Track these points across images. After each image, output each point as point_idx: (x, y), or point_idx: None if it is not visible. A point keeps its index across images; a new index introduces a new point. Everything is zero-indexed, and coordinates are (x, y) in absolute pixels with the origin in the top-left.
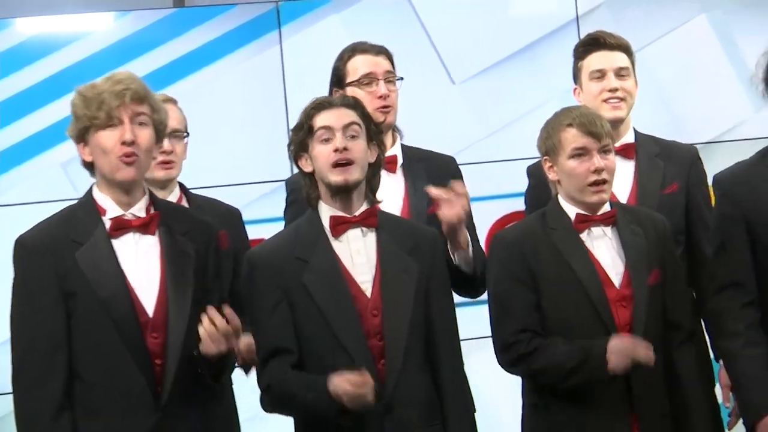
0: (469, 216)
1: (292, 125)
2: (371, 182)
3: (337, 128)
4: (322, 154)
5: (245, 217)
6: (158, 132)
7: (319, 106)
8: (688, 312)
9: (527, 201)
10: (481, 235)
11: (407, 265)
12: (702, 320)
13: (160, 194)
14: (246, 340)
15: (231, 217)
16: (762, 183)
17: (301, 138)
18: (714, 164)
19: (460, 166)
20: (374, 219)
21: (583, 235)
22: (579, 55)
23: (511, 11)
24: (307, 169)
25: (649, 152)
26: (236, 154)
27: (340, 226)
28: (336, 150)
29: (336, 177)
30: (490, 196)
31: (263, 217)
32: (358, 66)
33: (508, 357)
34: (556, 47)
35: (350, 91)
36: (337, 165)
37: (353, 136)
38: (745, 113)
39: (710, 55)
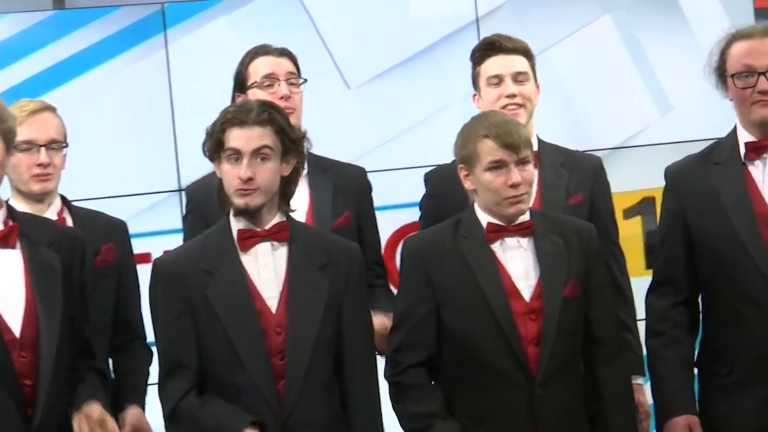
0: None
1: (179, 132)
2: (285, 192)
3: (246, 152)
4: (229, 174)
5: (131, 230)
6: (7, 142)
7: (231, 121)
8: (613, 325)
9: (422, 209)
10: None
11: (317, 282)
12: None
13: (37, 208)
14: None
15: (116, 230)
16: (702, 181)
17: (212, 149)
18: (619, 171)
19: None
20: (285, 233)
21: (495, 246)
22: (476, 61)
23: (408, 12)
24: (220, 176)
25: (554, 162)
26: (121, 163)
27: (248, 240)
28: (240, 178)
29: (238, 201)
30: (388, 206)
31: (149, 230)
32: (259, 68)
33: (389, 372)
34: (456, 50)
35: (251, 93)
36: (240, 190)
37: (263, 159)
38: (651, 117)
39: (615, 57)
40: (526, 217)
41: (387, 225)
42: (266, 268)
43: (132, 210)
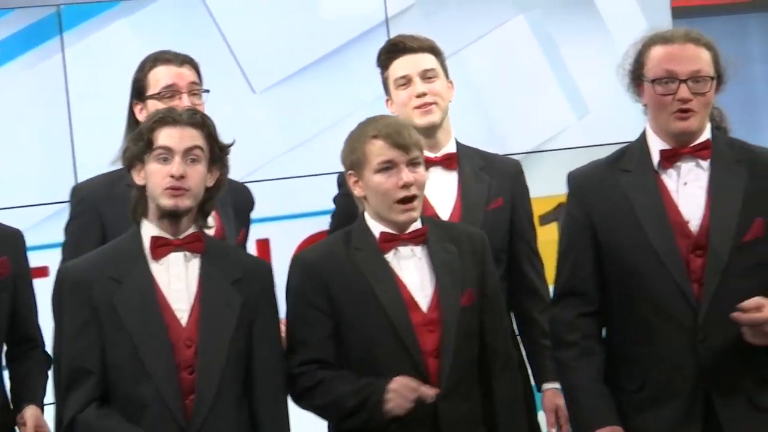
0: None
1: (77, 140)
2: (205, 206)
3: (178, 151)
4: (157, 174)
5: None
6: None
7: (162, 120)
8: (504, 335)
9: (336, 206)
10: (286, 257)
11: (230, 296)
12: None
13: None
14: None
15: (12, 240)
16: (611, 188)
17: (139, 151)
18: (535, 176)
19: (261, 183)
20: (200, 244)
21: (389, 256)
22: (383, 65)
23: (316, 13)
24: (140, 182)
25: (473, 165)
26: (16, 172)
27: (161, 248)
28: (172, 176)
29: (167, 201)
30: (295, 215)
31: (46, 243)
32: (159, 77)
33: (294, 390)
34: (365, 52)
35: (151, 104)
36: (170, 189)
37: (193, 160)
38: (567, 121)
39: (530, 58)
40: (418, 224)
41: (296, 234)
42: (177, 279)
43: (28, 221)
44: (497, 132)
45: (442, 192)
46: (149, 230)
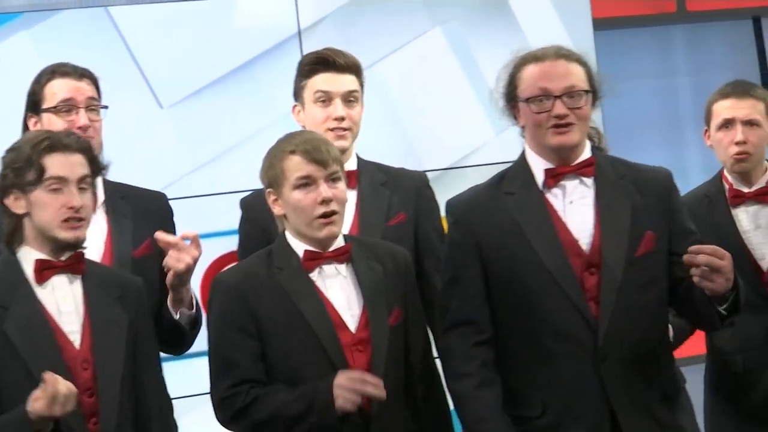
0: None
1: None
2: None
3: (72, 180)
4: (51, 205)
5: None
6: None
7: (51, 147)
8: (428, 354)
9: (240, 236)
10: (196, 277)
11: (117, 315)
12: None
13: None
14: None
15: None
16: (496, 211)
17: (24, 179)
18: (452, 192)
19: (170, 202)
20: (81, 266)
21: (314, 275)
22: (304, 73)
23: (225, 26)
24: (18, 210)
25: (373, 180)
26: None
27: (46, 271)
28: (71, 207)
29: (66, 234)
30: (205, 234)
31: None
32: (56, 91)
33: (227, 413)
34: (277, 65)
35: (46, 118)
36: (68, 221)
37: (84, 189)
38: (485, 136)
39: (447, 72)
40: (341, 241)
41: (205, 255)
42: (65, 301)
43: None
44: (414, 148)
45: None
46: (31, 254)
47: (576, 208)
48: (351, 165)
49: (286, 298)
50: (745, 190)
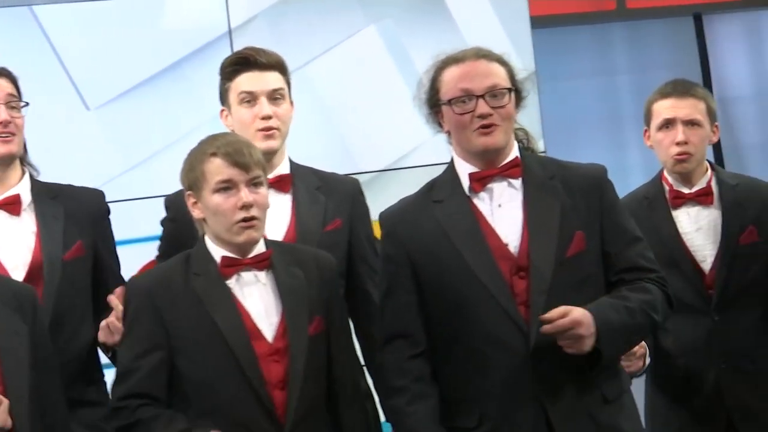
0: None
1: None
2: None
3: None
4: None
5: None
6: None
7: None
8: (352, 364)
9: (162, 235)
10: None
11: (16, 326)
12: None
13: None
14: None
15: None
16: (425, 220)
17: None
18: (388, 195)
19: None
20: None
21: (231, 282)
22: (227, 76)
23: (154, 25)
24: None
25: (309, 185)
26: None
27: None
28: None
29: None
30: (134, 239)
31: None
32: None
33: (113, 423)
34: (207, 64)
35: None
36: None
37: None
38: (422, 137)
39: (382, 71)
40: (262, 247)
41: (134, 259)
42: None
43: None
44: (348, 150)
45: (275, 215)
46: None
47: (504, 211)
48: (284, 168)
49: (201, 306)
50: (686, 191)
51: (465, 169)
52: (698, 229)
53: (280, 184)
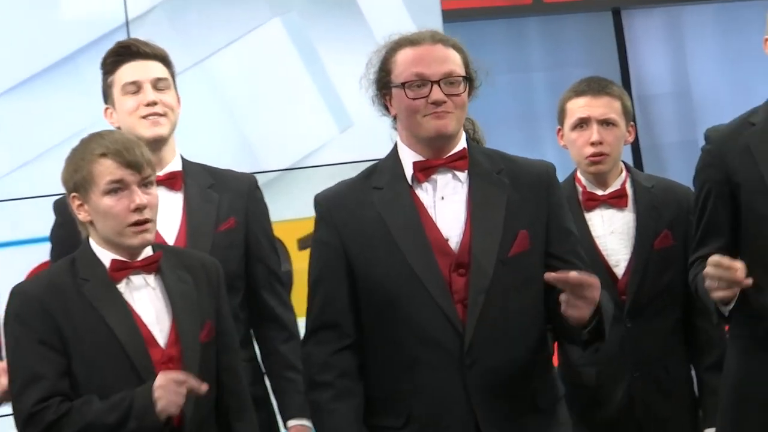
0: None
1: None
2: None
3: None
4: None
5: None
6: None
7: None
8: (240, 372)
9: (52, 242)
10: (9, 288)
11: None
12: None
13: None
14: None
15: None
16: (363, 207)
17: None
18: (293, 195)
19: None
20: None
21: (122, 286)
22: (109, 68)
23: (46, 16)
24: None
25: (201, 183)
26: None
27: None
28: None
29: None
30: (21, 241)
31: None
32: None
33: (36, 428)
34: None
35: None
36: None
37: None
38: (328, 134)
39: (287, 66)
40: (150, 250)
41: (23, 263)
42: None
43: None
44: (251, 148)
45: (166, 214)
46: None
47: (447, 204)
48: (175, 165)
49: (93, 311)
50: (600, 192)
51: (409, 157)
52: (612, 233)
53: (170, 182)
